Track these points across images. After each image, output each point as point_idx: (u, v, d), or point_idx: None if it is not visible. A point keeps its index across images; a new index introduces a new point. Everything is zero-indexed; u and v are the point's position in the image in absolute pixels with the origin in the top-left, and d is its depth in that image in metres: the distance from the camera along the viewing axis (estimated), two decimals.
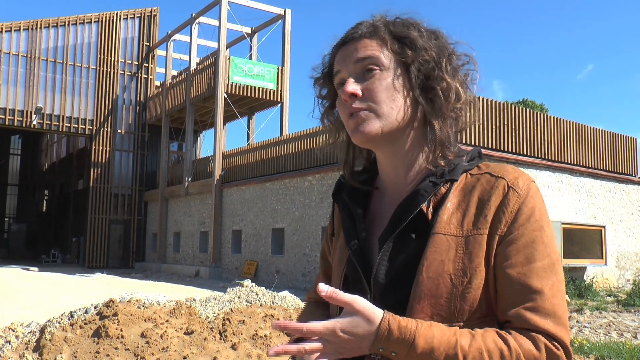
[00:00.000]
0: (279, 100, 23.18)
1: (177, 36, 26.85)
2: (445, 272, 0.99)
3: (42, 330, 5.03)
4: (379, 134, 1.06)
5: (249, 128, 25.72)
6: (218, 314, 6.14)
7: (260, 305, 6.82)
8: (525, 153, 14.73)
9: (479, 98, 13.72)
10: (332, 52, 1.14)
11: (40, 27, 25.62)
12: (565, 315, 0.97)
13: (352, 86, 1.06)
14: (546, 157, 15.35)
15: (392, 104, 1.06)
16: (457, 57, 1.11)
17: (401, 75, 1.07)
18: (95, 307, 5.56)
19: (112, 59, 27.24)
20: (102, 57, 26.98)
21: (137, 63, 28.03)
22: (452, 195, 1.05)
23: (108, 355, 4.62)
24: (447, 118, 1.08)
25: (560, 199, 15.13)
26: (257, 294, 7.34)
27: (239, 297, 7.18)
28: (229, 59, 21.82)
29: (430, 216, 1.04)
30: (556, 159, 15.63)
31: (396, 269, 1.04)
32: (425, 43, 1.08)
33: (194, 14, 24.10)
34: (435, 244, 1.01)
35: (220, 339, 5.40)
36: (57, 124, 25.83)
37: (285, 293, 8.30)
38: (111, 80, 27.19)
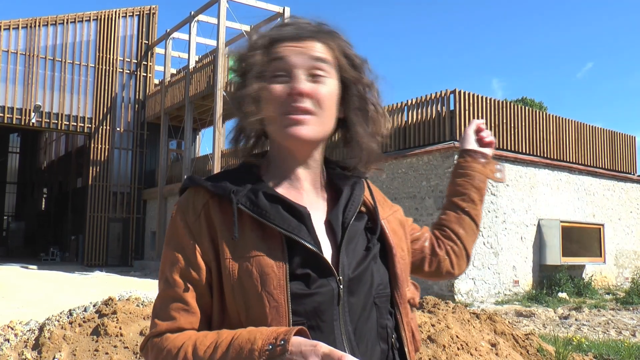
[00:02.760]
0: None
1: (176, 34, 26.80)
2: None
3: (41, 329, 5.03)
4: (317, 139, 1.08)
5: None
6: None
7: None
8: (524, 151, 14.74)
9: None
10: (274, 37, 1.08)
11: (39, 25, 25.57)
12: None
13: (308, 85, 1.04)
14: (545, 156, 15.35)
15: (331, 114, 1.08)
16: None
17: (340, 89, 1.10)
18: (94, 305, 5.56)
19: (111, 57, 27.19)
20: (101, 55, 26.93)
21: (136, 61, 27.98)
22: None
23: (107, 353, 4.62)
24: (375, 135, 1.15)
25: (558, 197, 15.14)
26: None
27: None
28: (228, 57, 21.80)
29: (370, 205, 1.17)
30: (555, 157, 15.63)
31: (356, 258, 1.05)
32: (365, 67, 1.14)
33: (193, 12, 24.06)
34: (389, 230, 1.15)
35: None
36: (56, 122, 25.78)
37: None
38: (110, 79, 27.14)
